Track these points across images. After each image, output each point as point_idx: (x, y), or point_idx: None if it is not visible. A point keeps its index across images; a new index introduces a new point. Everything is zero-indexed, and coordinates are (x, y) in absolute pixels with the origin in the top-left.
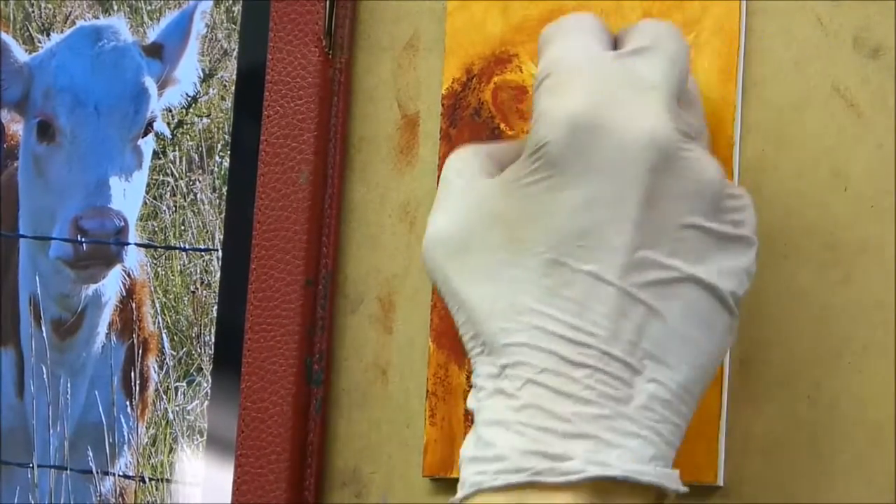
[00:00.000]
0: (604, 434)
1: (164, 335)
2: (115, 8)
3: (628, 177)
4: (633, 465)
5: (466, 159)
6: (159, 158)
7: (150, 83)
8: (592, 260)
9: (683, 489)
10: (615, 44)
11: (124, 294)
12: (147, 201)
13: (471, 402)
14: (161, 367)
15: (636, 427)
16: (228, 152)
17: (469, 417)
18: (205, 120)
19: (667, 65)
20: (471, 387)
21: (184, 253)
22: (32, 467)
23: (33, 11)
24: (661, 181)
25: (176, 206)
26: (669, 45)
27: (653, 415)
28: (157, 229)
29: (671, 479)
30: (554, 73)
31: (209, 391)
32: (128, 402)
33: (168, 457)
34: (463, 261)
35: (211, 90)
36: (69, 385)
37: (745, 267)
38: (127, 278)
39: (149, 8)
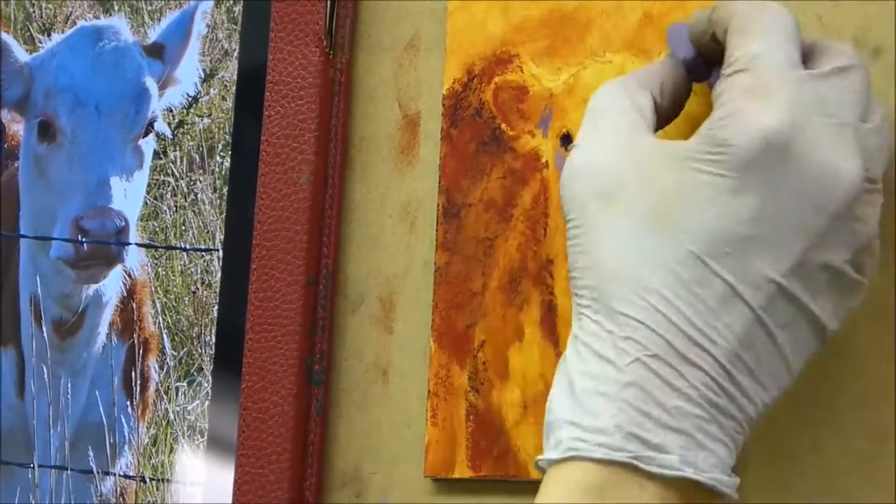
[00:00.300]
0: (697, 434)
1: (164, 335)
2: (116, 8)
3: (804, 212)
4: (718, 474)
5: (626, 96)
6: (160, 158)
7: (151, 83)
8: (735, 272)
9: (737, 499)
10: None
11: (125, 294)
12: (148, 201)
13: (568, 349)
14: (162, 368)
15: (724, 434)
16: (229, 152)
17: (470, 418)
18: (205, 120)
19: (863, 97)
20: (472, 388)
21: (184, 253)
22: (33, 467)
23: (34, 11)
24: (833, 227)
25: (177, 206)
26: (863, 75)
27: (736, 426)
28: (157, 229)
29: (735, 489)
30: (753, 73)
31: (210, 391)
32: (128, 403)
33: (169, 457)
34: (605, 206)
35: (212, 90)
36: (70, 385)
37: (852, 308)
38: (128, 278)
39: (149, 8)
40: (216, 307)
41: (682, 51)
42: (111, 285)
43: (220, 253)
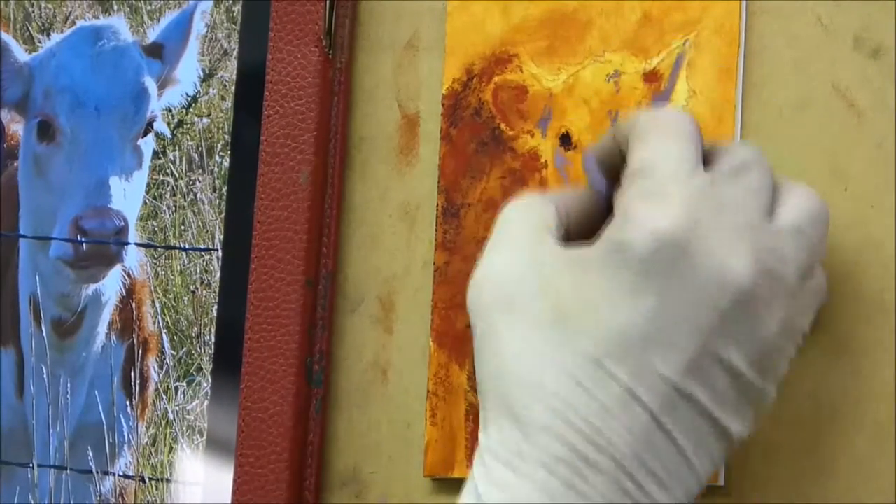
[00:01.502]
0: None
1: (164, 335)
2: (115, 8)
3: (699, 311)
4: None
5: (533, 209)
6: (159, 158)
7: (151, 83)
8: (632, 374)
9: None
10: (705, 156)
11: (124, 294)
12: (147, 201)
13: (475, 458)
14: (161, 367)
15: None
16: (228, 152)
17: (470, 418)
18: (205, 120)
19: (763, 195)
20: (471, 388)
21: (184, 253)
22: (32, 467)
23: (33, 11)
24: (727, 325)
25: (176, 206)
26: (763, 173)
27: None
28: (157, 229)
29: None
30: (650, 178)
31: (209, 391)
32: (128, 402)
33: (168, 457)
34: (506, 314)
35: (211, 90)
36: (69, 385)
37: (761, 415)
38: (127, 278)
39: (149, 8)
40: (215, 307)
41: (596, 182)
42: (110, 285)
43: (220, 253)
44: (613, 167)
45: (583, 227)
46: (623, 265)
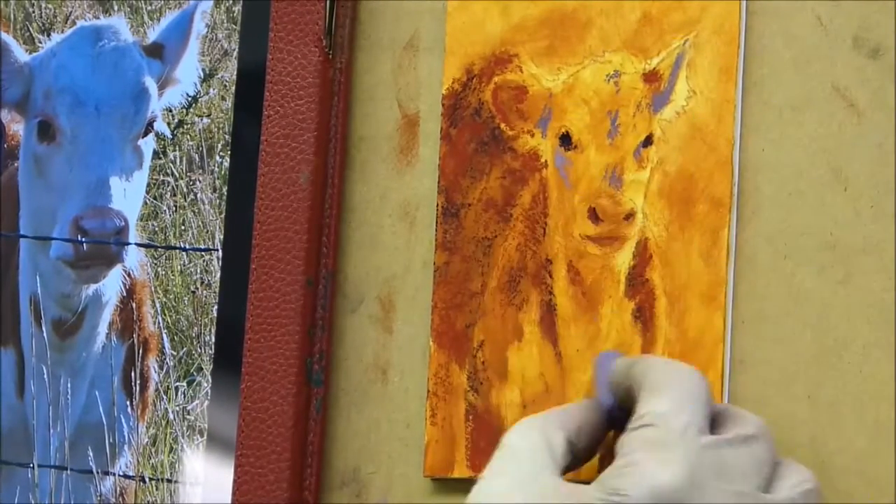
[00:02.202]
0: None
1: (164, 335)
2: (116, 8)
3: None
4: None
5: (539, 436)
6: (159, 158)
7: (151, 83)
8: None
9: None
10: (713, 416)
11: (125, 294)
12: (147, 201)
13: None
14: (161, 367)
15: None
16: (229, 152)
17: (470, 418)
18: (205, 120)
19: (765, 467)
20: (471, 388)
21: (184, 253)
22: (33, 467)
23: (34, 11)
24: None
25: (176, 206)
26: (767, 446)
27: None
28: (157, 229)
29: None
30: (657, 430)
31: (209, 391)
32: (128, 402)
33: (168, 457)
34: None
35: (211, 90)
36: (69, 385)
37: None
38: (127, 278)
39: (149, 8)
40: (216, 307)
41: (604, 396)
42: (111, 285)
43: (220, 253)
44: (621, 398)
45: (583, 441)
46: None
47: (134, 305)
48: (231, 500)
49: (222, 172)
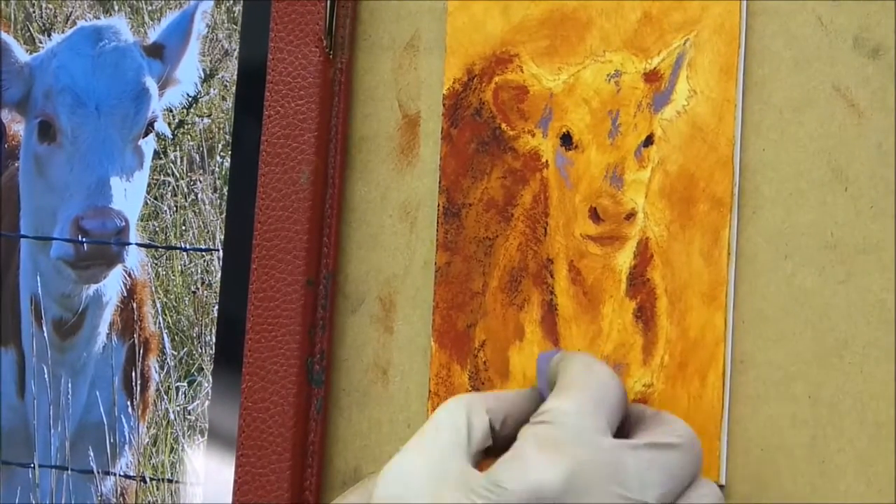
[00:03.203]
0: None
1: (165, 335)
2: (116, 8)
3: None
4: None
5: (468, 412)
6: (160, 158)
7: (151, 83)
8: None
9: None
10: (628, 419)
11: (125, 294)
12: (148, 201)
13: None
14: (162, 367)
15: None
16: (229, 152)
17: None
18: (205, 120)
19: (673, 479)
20: (472, 388)
21: (185, 253)
22: (33, 467)
23: (34, 11)
24: None
25: (177, 206)
26: (686, 458)
27: None
28: (157, 229)
29: None
30: (553, 427)
31: (210, 391)
32: (129, 402)
33: (169, 457)
34: None
35: (212, 90)
36: (70, 385)
37: None
38: (128, 278)
39: (149, 8)
40: (216, 307)
41: (543, 390)
42: (111, 285)
43: (221, 253)
44: (550, 388)
45: (507, 429)
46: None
47: (134, 305)
48: (232, 500)
49: (223, 172)
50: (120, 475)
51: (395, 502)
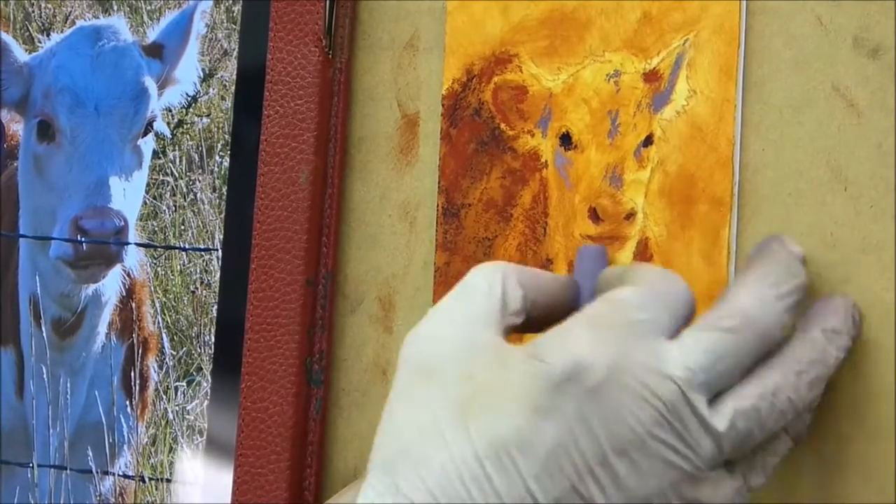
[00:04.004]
0: None
1: (163, 335)
2: (115, 8)
3: (589, 448)
4: None
5: (503, 281)
6: (159, 158)
7: (150, 83)
8: (505, 486)
9: None
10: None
11: (124, 294)
12: (147, 201)
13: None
14: (161, 367)
15: None
16: (228, 152)
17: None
18: (205, 120)
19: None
20: None
21: (184, 253)
22: (32, 467)
23: (33, 11)
24: (608, 467)
25: (176, 206)
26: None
27: None
28: (157, 229)
29: None
30: (610, 309)
31: (209, 391)
32: (128, 402)
33: (168, 456)
34: (422, 381)
35: (211, 90)
36: (69, 385)
37: None
38: (127, 278)
39: (149, 8)
40: (215, 307)
41: (586, 286)
42: (110, 285)
43: (220, 252)
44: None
45: (537, 310)
46: (536, 377)
47: (133, 305)
48: (231, 501)
49: (222, 172)
50: (119, 475)
51: (422, 368)
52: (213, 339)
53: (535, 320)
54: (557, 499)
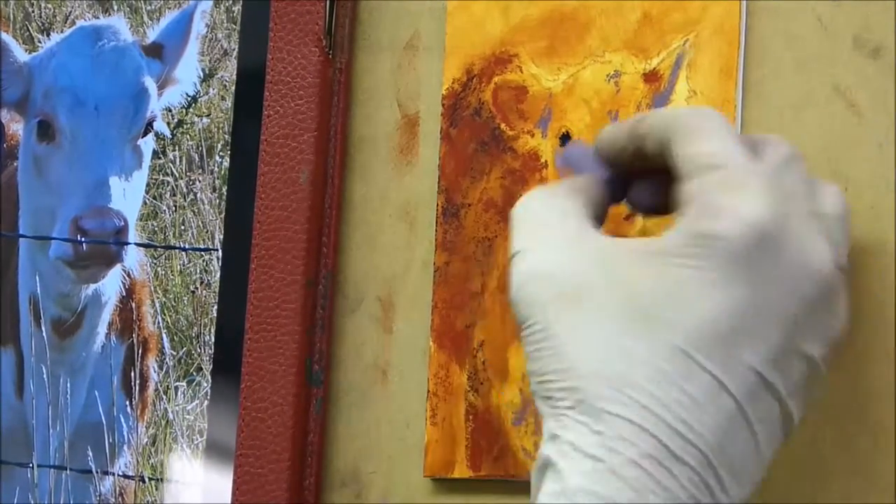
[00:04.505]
0: None
1: (163, 335)
2: (115, 8)
3: (785, 301)
4: None
5: (561, 198)
6: (159, 158)
7: (150, 83)
8: (721, 364)
9: None
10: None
11: (124, 294)
12: (147, 201)
13: (549, 450)
14: (161, 367)
15: None
16: (228, 152)
17: (470, 418)
18: (205, 120)
19: (811, 184)
20: (471, 388)
21: (184, 253)
22: (32, 467)
23: (33, 11)
24: (811, 316)
25: (176, 206)
26: (803, 162)
27: None
28: (156, 229)
29: None
30: (723, 169)
31: (209, 391)
32: (127, 402)
33: (168, 456)
34: (569, 308)
35: (211, 90)
36: (69, 385)
37: (815, 399)
38: (127, 278)
39: (149, 8)
40: (215, 307)
41: (595, 169)
42: (110, 285)
43: (220, 253)
44: (623, 164)
45: (597, 210)
46: (714, 256)
47: (133, 305)
48: (231, 500)
49: (222, 172)
50: (119, 475)
51: (562, 297)
52: (213, 339)
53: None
54: (774, 360)
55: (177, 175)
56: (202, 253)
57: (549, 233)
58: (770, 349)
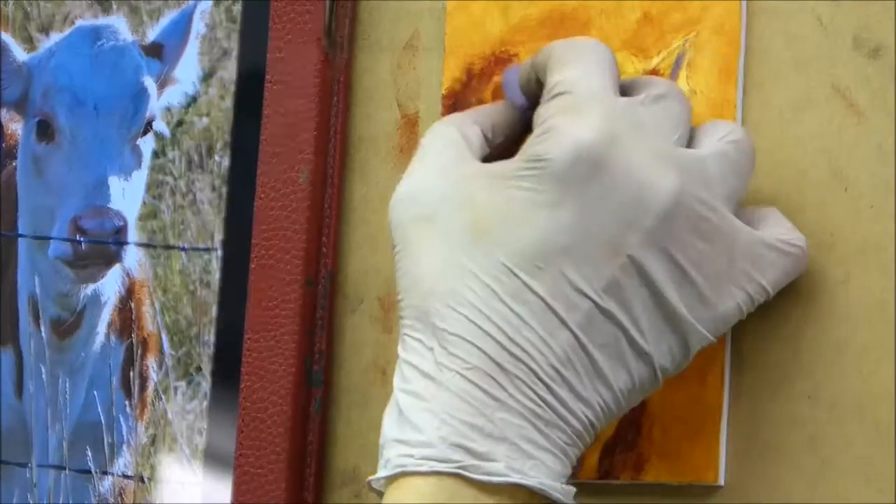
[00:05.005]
0: (522, 443)
1: (163, 335)
2: (115, 7)
3: (619, 227)
4: (547, 480)
5: (455, 129)
6: (159, 158)
7: (150, 83)
8: (549, 287)
9: None
10: (624, 89)
11: (123, 294)
12: (146, 201)
13: (397, 377)
14: (160, 367)
15: (551, 445)
16: (228, 152)
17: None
18: (204, 119)
19: (681, 124)
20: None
21: (183, 252)
22: (31, 467)
23: (32, 11)
24: (650, 246)
25: (175, 206)
26: (681, 103)
27: (564, 437)
28: (156, 229)
29: (571, 498)
30: (570, 95)
31: (208, 391)
32: (127, 402)
33: (167, 457)
34: (424, 228)
35: (211, 90)
36: (68, 385)
37: (685, 354)
38: (126, 278)
39: (148, 7)
40: (215, 307)
41: (517, 97)
42: (110, 285)
43: (219, 252)
44: (530, 94)
45: (508, 143)
46: (542, 177)
47: (133, 305)
48: (230, 500)
49: (222, 172)
50: (118, 475)
51: (418, 217)
52: (212, 339)
53: (500, 147)
54: (608, 287)
55: (176, 175)
56: (202, 253)
57: (430, 160)
58: (603, 276)
